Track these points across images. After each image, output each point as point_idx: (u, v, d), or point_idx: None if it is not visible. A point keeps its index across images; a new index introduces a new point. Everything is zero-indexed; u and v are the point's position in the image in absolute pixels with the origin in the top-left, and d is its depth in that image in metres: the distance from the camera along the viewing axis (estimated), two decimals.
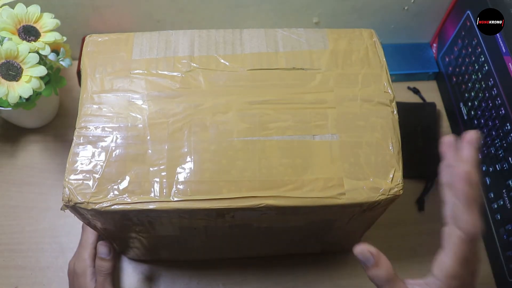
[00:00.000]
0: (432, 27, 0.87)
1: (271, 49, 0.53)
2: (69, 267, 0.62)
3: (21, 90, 0.61)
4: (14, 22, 0.62)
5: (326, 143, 0.49)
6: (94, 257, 0.60)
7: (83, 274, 0.59)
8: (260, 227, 0.53)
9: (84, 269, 0.59)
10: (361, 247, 0.43)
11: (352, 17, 0.82)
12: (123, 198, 0.45)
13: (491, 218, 0.70)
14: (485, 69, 0.71)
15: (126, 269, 0.69)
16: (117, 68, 0.51)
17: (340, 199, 0.46)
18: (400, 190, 0.47)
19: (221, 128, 0.48)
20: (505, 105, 0.66)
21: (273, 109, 0.50)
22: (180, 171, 0.46)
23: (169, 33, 0.54)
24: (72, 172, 0.46)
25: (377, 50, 0.54)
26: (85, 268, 0.59)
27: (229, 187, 0.46)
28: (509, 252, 0.66)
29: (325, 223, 0.54)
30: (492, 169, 0.70)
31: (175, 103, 0.49)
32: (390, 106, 0.51)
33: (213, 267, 0.69)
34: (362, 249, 0.43)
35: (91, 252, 0.60)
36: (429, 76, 0.88)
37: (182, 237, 0.56)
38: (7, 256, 0.69)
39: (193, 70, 0.51)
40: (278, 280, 0.69)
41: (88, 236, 0.61)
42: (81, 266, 0.59)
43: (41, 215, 0.72)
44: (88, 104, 0.50)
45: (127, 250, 0.64)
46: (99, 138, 0.48)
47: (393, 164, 0.48)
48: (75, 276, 0.60)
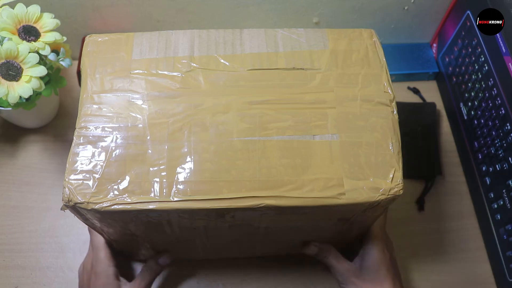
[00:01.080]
0: (432, 27, 0.87)
1: (271, 49, 0.53)
2: (85, 267, 0.61)
3: (21, 90, 0.61)
4: (14, 22, 0.62)
5: (326, 143, 0.49)
6: (111, 257, 0.59)
7: (105, 274, 0.58)
8: (260, 227, 0.53)
9: (105, 270, 0.58)
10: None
11: (352, 17, 0.82)
12: (123, 198, 0.45)
13: (491, 218, 0.70)
14: (485, 69, 0.71)
15: (126, 269, 0.69)
16: (117, 68, 0.51)
17: (340, 199, 0.46)
18: (400, 190, 0.47)
19: (221, 128, 0.48)
20: (505, 105, 0.66)
21: (273, 109, 0.50)
22: (180, 171, 0.46)
23: (169, 33, 0.54)
24: (72, 172, 0.46)
25: (377, 50, 0.54)
26: (106, 268, 0.58)
27: (229, 187, 0.46)
28: (509, 252, 0.66)
29: (324, 223, 0.54)
30: (492, 169, 0.70)
31: (175, 103, 0.49)
32: (390, 106, 0.51)
33: (213, 267, 0.69)
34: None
35: (106, 252, 0.59)
36: (429, 76, 0.88)
37: (182, 237, 0.56)
38: (7, 256, 0.69)
39: (193, 70, 0.51)
40: (277, 280, 0.69)
41: (99, 238, 0.60)
42: (101, 266, 0.59)
43: (41, 215, 0.72)
44: (88, 104, 0.50)
45: (127, 250, 0.64)
46: (99, 138, 0.48)
47: (393, 164, 0.48)
48: (93, 276, 0.59)
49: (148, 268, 0.61)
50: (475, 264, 0.71)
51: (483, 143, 0.73)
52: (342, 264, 0.60)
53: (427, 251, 0.72)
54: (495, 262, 0.70)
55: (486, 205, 0.72)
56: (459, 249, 0.72)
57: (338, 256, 0.60)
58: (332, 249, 0.61)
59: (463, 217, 0.75)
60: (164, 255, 0.61)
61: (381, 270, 0.57)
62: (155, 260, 0.61)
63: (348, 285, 0.59)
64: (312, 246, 0.61)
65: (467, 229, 0.74)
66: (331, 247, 0.61)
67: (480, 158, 0.74)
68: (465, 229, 0.74)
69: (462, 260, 0.72)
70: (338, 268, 0.60)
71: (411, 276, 0.70)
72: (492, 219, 0.70)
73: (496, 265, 0.69)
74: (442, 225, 0.74)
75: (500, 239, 0.68)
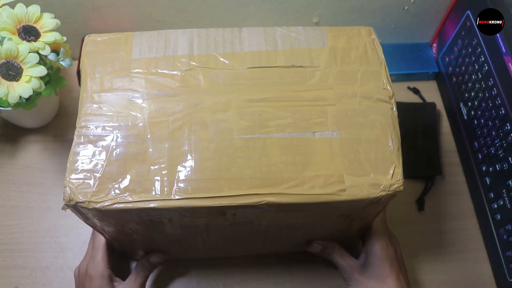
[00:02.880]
0: (432, 27, 0.88)
1: (270, 47, 0.53)
2: (80, 270, 0.61)
3: (21, 90, 0.61)
4: (14, 22, 0.62)
5: (326, 140, 0.49)
6: (108, 259, 0.60)
7: (99, 276, 0.58)
8: (261, 225, 0.53)
9: (100, 272, 0.59)
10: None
11: (352, 17, 0.82)
12: (124, 197, 0.45)
13: (491, 218, 0.70)
14: (485, 69, 0.71)
15: (125, 268, 0.69)
16: (117, 67, 0.52)
17: (341, 196, 0.46)
18: (400, 186, 0.47)
19: (221, 126, 0.48)
20: (505, 105, 0.66)
21: (272, 106, 0.50)
22: (181, 170, 0.46)
23: (169, 32, 0.54)
24: (73, 171, 0.46)
25: (376, 47, 0.54)
26: (101, 271, 0.59)
27: (230, 185, 0.46)
28: (509, 252, 0.66)
29: (325, 220, 0.54)
30: (492, 169, 0.70)
31: (175, 102, 0.49)
32: (389, 102, 0.51)
33: (213, 267, 0.69)
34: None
35: (104, 254, 0.59)
36: (429, 76, 0.88)
37: (183, 236, 0.56)
38: (7, 256, 0.69)
39: (192, 68, 0.51)
40: (277, 280, 0.69)
41: (100, 238, 0.60)
42: (96, 268, 0.59)
43: (41, 215, 0.72)
44: (88, 104, 0.50)
45: (128, 249, 0.64)
46: (100, 137, 0.48)
47: (393, 160, 0.48)
48: (88, 279, 0.59)
49: (141, 267, 0.61)
50: (475, 264, 0.71)
51: (483, 143, 0.73)
52: (347, 261, 0.60)
53: (427, 251, 0.72)
54: (495, 262, 0.70)
55: (486, 205, 0.72)
56: (459, 249, 0.72)
57: (342, 253, 0.61)
58: (336, 246, 0.61)
59: (463, 217, 0.75)
60: (156, 253, 0.61)
61: (384, 267, 0.57)
62: (147, 259, 0.61)
63: (352, 282, 0.59)
64: (315, 244, 0.61)
65: (467, 229, 0.74)
66: (335, 244, 0.61)
67: (480, 158, 0.74)
68: (465, 229, 0.74)
69: (462, 260, 0.71)
70: (343, 264, 0.60)
71: (411, 276, 0.70)
72: (492, 219, 0.70)
73: (496, 265, 0.69)
74: (442, 225, 0.74)
75: (500, 239, 0.68)
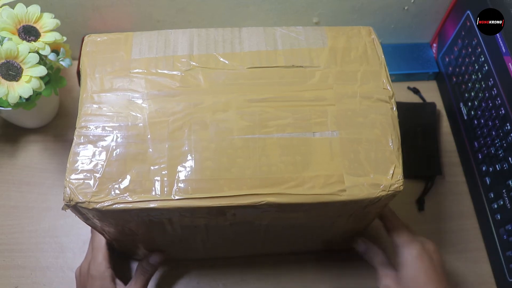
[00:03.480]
0: (432, 27, 0.88)
1: (270, 47, 0.53)
2: (82, 271, 0.61)
3: (21, 90, 0.61)
4: (14, 22, 0.62)
5: (326, 140, 0.49)
6: (109, 259, 0.60)
7: (101, 277, 0.58)
8: (261, 225, 0.53)
9: (102, 272, 0.58)
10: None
11: (352, 17, 0.82)
12: (124, 197, 0.45)
13: (491, 218, 0.70)
14: (485, 69, 0.71)
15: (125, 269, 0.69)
16: (117, 67, 0.52)
17: (341, 196, 0.46)
18: (400, 186, 0.47)
19: (221, 126, 0.48)
20: (505, 105, 0.66)
21: (272, 107, 0.50)
22: (181, 170, 0.46)
23: (168, 32, 0.54)
24: (73, 171, 0.46)
25: (376, 47, 0.54)
26: (103, 271, 0.58)
27: (230, 185, 0.46)
28: (509, 252, 0.66)
29: (325, 220, 0.54)
30: (492, 169, 0.70)
31: (175, 102, 0.49)
32: (389, 102, 0.51)
33: (213, 267, 0.69)
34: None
35: (105, 254, 0.59)
36: (429, 76, 0.88)
37: (183, 236, 0.56)
38: (7, 256, 0.69)
39: (192, 68, 0.51)
40: (277, 280, 0.69)
41: (100, 239, 0.60)
42: (97, 269, 0.59)
43: (41, 215, 0.72)
44: (88, 104, 0.50)
45: (128, 250, 0.64)
46: (100, 138, 0.48)
47: (393, 160, 0.48)
48: (90, 279, 0.59)
49: (142, 269, 0.61)
50: (475, 264, 0.71)
51: (483, 143, 0.73)
52: (385, 271, 0.58)
53: None
54: (495, 262, 0.70)
55: (486, 205, 0.72)
56: (459, 249, 0.72)
57: (383, 262, 0.59)
58: (379, 253, 0.60)
59: (463, 217, 0.75)
60: (155, 254, 0.61)
61: (420, 278, 0.54)
62: (147, 261, 0.61)
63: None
64: (361, 243, 0.61)
65: (467, 229, 0.74)
66: (379, 250, 0.60)
67: (480, 158, 0.74)
68: (465, 229, 0.74)
69: (462, 260, 0.71)
70: (380, 273, 0.58)
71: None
72: (492, 219, 0.70)
73: (496, 265, 0.69)
74: (442, 225, 0.74)
75: (500, 239, 0.68)
